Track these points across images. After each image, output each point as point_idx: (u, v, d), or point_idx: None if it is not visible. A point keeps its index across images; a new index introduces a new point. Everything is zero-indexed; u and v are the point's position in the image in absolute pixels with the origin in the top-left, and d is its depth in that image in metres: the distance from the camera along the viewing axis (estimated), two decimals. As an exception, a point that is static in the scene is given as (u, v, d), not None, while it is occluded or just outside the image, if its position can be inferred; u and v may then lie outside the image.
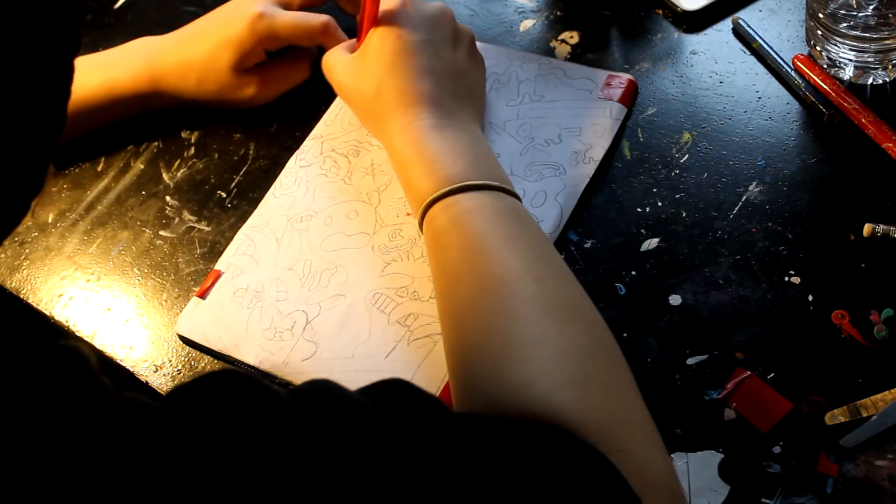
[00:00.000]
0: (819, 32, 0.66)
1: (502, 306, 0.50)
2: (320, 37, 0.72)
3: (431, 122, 0.60)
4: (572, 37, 0.76)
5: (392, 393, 0.41)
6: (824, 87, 0.67)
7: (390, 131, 0.62)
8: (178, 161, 0.75)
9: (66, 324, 0.68)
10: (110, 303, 0.68)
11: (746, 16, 0.73)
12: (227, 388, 0.36)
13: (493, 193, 0.56)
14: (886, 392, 0.53)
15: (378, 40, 0.64)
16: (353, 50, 0.69)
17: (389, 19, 0.64)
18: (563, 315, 0.50)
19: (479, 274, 0.52)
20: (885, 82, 0.67)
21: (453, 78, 0.64)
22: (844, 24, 0.64)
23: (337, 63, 0.68)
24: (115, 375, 0.35)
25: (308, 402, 0.37)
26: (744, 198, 0.63)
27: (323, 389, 0.39)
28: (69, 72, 0.37)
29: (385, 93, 0.63)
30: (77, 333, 0.67)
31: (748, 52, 0.71)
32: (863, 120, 0.64)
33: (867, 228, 0.59)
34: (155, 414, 0.34)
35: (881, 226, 0.59)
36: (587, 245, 0.63)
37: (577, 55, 0.74)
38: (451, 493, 0.37)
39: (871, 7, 0.64)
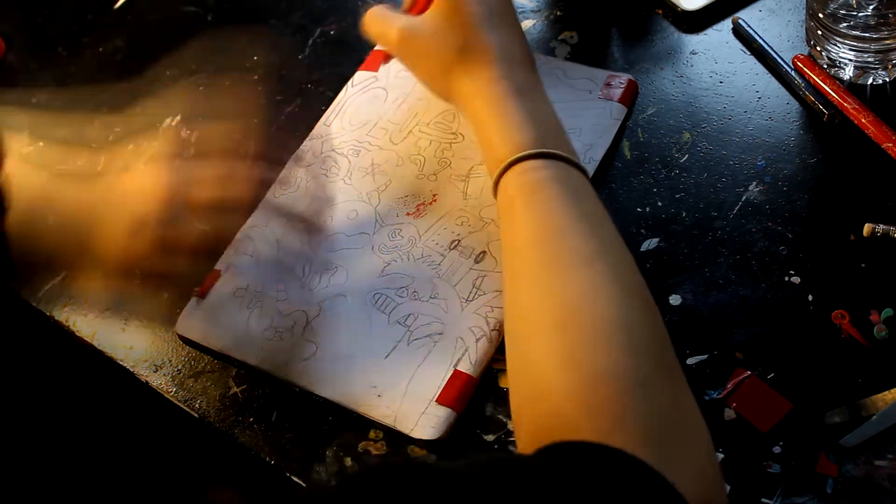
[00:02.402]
0: (819, 32, 0.66)
1: (588, 281, 0.49)
2: None
3: (517, 83, 0.60)
4: (572, 37, 0.76)
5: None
6: (824, 87, 0.67)
7: (473, 89, 0.60)
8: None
9: (67, 324, 0.68)
10: (110, 303, 0.68)
11: (746, 16, 0.73)
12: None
13: (571, 168, 0.56)
14: (886, 392, 0.53)
15: (459, 1, 0.62)
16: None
17: None
18: (642, 303, 0.49)
19: (565, 243, 0.51)
20: (885, 82, 0.67)
21: (528, 46, 0.63)
22: (844, 24, 0.64)
23: (400, 20, 0.65)
24: (114, 375, 0.35)
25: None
26: (744, 198, 0.63)
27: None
28: None
29: (472, 50, 0.61)
30: (77, 333, 0.67)
31: (748, 52, 0.71)
32: (863, 120, 0.64)
33: (867, 228, 0.59)
34: None
35: (881, 226, 0.59)
36: (587, 245, 0.63)
37: (577, 55, 0.74)
38: None
39: (871, 7, 0.64)
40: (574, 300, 0.48)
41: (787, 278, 0.59)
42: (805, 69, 0.68)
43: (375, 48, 0.77)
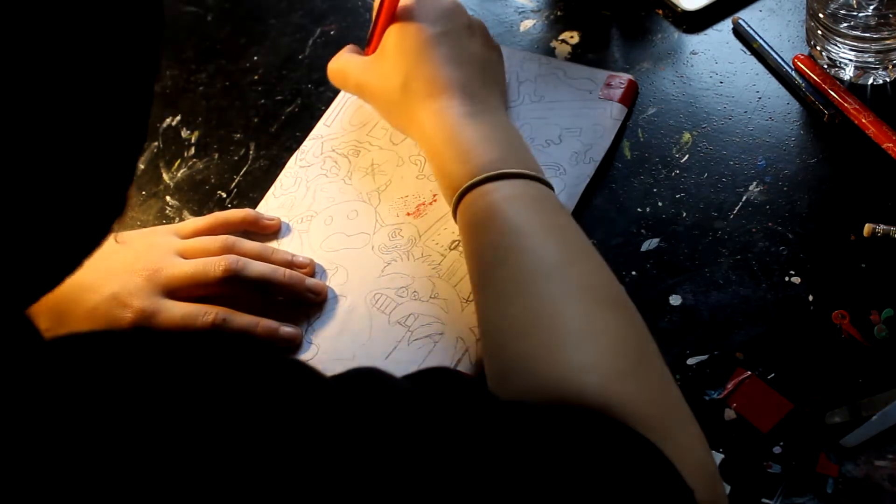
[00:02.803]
0: (819, 32, 0.66)
1: (555, 291, 0.50)
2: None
3: (463, 109, 0.60)
4: (572, 37, 0.76)
5: (440, 382, 0.41)
6: (824, 87, 0.67)
7: (422, 121, 0.61)
8: (179, 161, 0.75)
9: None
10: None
11: (746, 16, 0.73)
12: (275, 371, 0.37)
13: (530, 182, 0.56)
14: (886, 392, 0.53)
15: (398, 35, 0.64)
16: (361, 52, 0.69)
17: (406, 15, 0.64)
18: (616, 307, 0.50)
19: (526, 258, 0.51)
20: (885, 82, 0.67)
21: (478, 66, 0.64)
22: (845, 24, 0.64)
23: (352, 65, 0.68)
24: None
25: (353, 387, 0.37)
26: (744, 198, 0.63)
27: (367, 376, 0.39)
28: (150, 90, 0.36)
29: (413, 84, 0.62)
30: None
31: (748, 52, 0.71)
32: (863, 120, 0.64)
33: (867, 228, 0.59)
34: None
35: (881, 226, 0.59)
36: (587, 245, 0.63)
37: (578, 55, 0.74)
38: (503, 480, 0.37)
39: (872, 7, 0.64)
40: (539, 309, 0.49)
41: (787, 278, 0.59)
42: (805, 69, 0.68)
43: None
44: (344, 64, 0.69)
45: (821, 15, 0.65)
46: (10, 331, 0.34)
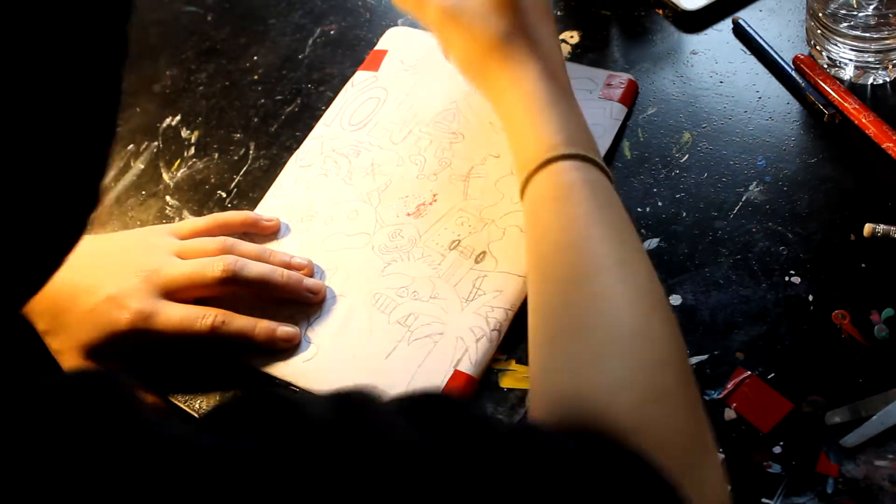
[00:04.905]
0: (819, 32, 0.66)
1: (616, 289, 0.48)
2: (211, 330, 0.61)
3: (558, 84, 0.58)
4: (572, 37, 0.76)
5: (436, 412, 0.40)
6: (824, 87, 0.67)
7: (515, 81, 0.58)
8: (179, 161, 0.75)
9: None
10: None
11: (746, 16, 0.73)
12: (264, 413, 0.35)
13: (601, 172, 0.55)
14: (886, 392, 0.53)
15: None
16: None
17: None
18: (664, 316, 0.48)
19: (596, 247, 0.50)
20: (885, 82, 0.67)
21: (559, 46, 0.63)
22: (845, 24, 0.64)
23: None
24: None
25: (347, 423, 0.36)
26: (744, 198, 0.63)
27: (361, 409, 0.37)
28: (118, 80, 0.36)
29: (521, 39, 0.59)
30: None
31: (748, 52, 0.71)
32: (863, 120, 0.64)
33: (867, 228, 0.59)
34: (190, 452, 0.33)
35: (881, 226, 0.59)
36: (587, 245, 0.63)
37: (578, 55, 0.74)
38: None
39: (872, 7, 0.64)
40: (598, 304, 0.48)
41: (787, 278, 0.59)
42: (805, 69, 0.68)
43: (376, 48, 0.77)
44: None
45: (821, 15, 0.65)
46: (4, 333, 0.33)
